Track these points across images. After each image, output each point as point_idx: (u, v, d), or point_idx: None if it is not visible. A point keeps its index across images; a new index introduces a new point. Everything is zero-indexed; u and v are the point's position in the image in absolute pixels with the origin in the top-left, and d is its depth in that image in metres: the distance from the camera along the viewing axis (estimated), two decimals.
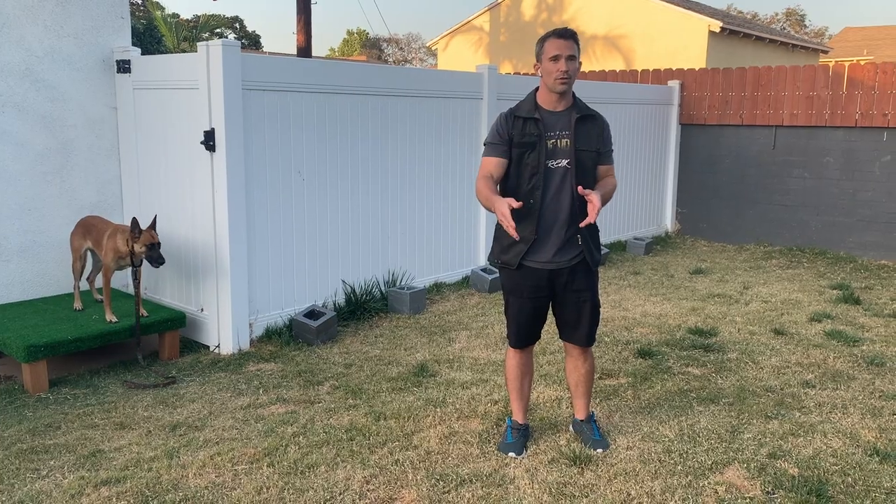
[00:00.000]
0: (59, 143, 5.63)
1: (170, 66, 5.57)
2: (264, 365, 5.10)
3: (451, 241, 7.22)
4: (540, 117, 3.49)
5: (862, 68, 8.78)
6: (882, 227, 8.73)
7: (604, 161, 3.62)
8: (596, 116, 3.59)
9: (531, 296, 3.62)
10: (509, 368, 3.80)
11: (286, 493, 3.33)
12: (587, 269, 3.62)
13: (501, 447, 3.76)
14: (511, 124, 3.53)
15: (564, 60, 3.39)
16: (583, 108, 3.57)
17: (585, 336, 3.71)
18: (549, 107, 3.52)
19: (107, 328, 4.95)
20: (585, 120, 3.53)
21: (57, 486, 3.41)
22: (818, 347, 5.45)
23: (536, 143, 3.47)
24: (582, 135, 3.51)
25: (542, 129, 3.47)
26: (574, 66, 3.44)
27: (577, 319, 3.67)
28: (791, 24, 52.45)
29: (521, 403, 3.83)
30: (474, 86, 7.21)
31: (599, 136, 3.56)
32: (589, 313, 3.67)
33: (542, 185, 3.47)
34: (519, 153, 3.51)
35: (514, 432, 3.80)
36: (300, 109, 5.64)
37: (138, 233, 4.95)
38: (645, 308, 6.55)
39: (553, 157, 3.48)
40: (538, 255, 3.55)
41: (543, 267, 3.56)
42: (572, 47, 3.43)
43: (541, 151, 3.47)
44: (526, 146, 3.50)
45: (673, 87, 10.09)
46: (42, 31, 5.48)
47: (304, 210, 5.78)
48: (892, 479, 3.49)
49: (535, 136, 3.48)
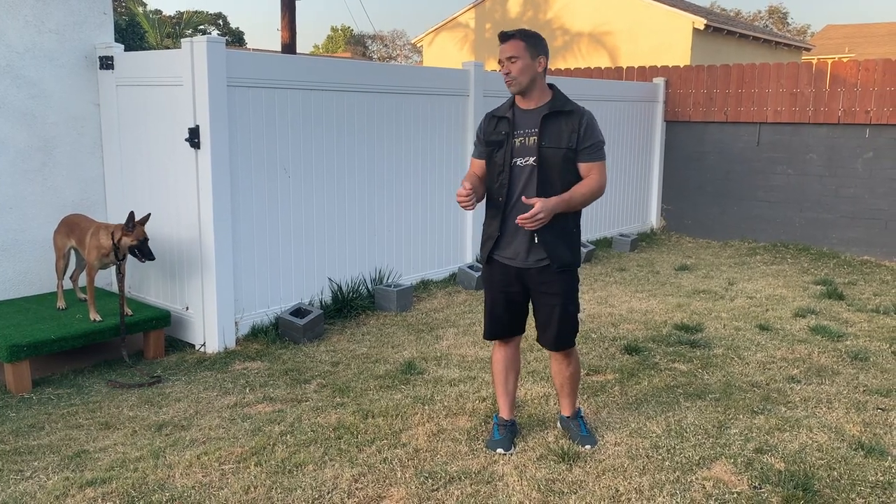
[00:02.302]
0: (40, 140, 5.56)
1: (153, 63, 5.51)
2: (251, 363, 5.07)
3: (439, 238, 7.21)
4: (511, 116, 3.52)
5: (844, 66, 8.85)
6: (865, 222, 8.81)
7: (582, 158, 3.47)
8: (572, 112, 3.48)
9: (502, 289, 3.65)
10: (494, 363, 3.83)
11: (274, 493, 3.31)
12: (560, 273, 3.53)
13: (489, 444, 3.76)
14: (487, 124, 3.63)
15: (507, 63, 3.43)
16: (558, 104, 3.49)
17: (552, 340, 3.65)
18: (522, 105, 3.55)
19: (91, 327, 4.90)
20: (558, 116, 3.46)
21: (41, 488, 3.37)
22: (803, 343, 5.49)
23: (504, 141, 3.51)
24: (549, 132, 3.45)
25: (511, 127, 3.50)
26: (518, 66, 3.41)
27: (546, 323, 3.64)
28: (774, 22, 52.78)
29: (506, 399, 3.83)
30: (460, 83, 7.20)
31: (573, 133, 3.44)
32: (558, 318, 3.58)
33: (507, 183, 3.50)
34: (489, 151, 3.58)
35: (501, 429, 3.80)
36: (285, 106, 5.61)
37: (132, 227, 4.93)
38: (631, 304, 6.58)
39: (520, 155, 3.49)
40: (506, 252, 3.58)
41: (510, 263, 3.58)
42: (513, 47, 3.42)
43: (507, 149, 3.49)
44: (494, 144, 3.55)
45: (658, 85, 10.13)
46: (22, 26, 5.41)
47: (290, 207, 5.75)
48: (876, 473, 3.52)
49: (504, 135, 3.51)
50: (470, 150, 7.31)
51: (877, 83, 8.54)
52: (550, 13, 20.90)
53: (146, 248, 5.02)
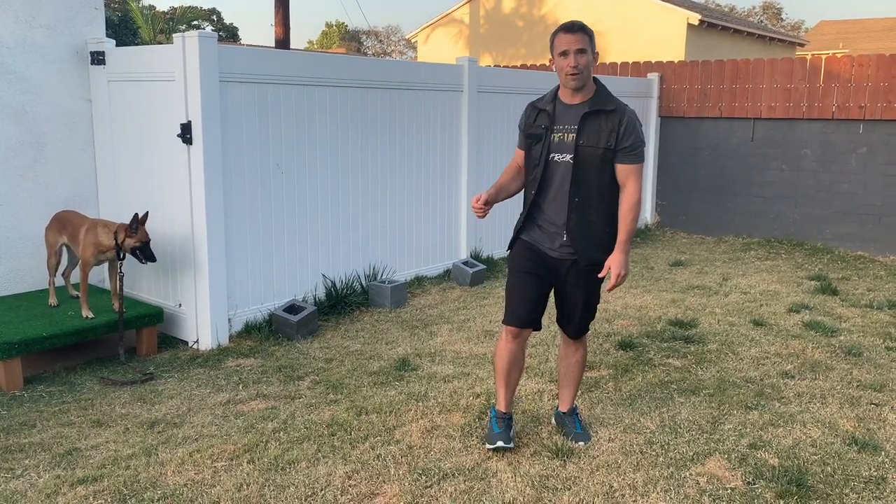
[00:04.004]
0: (31, 136, 5.53)
1: (145, 58, 5.48)
2: (244, 360, 5.05)
3: (433, 234, 7.19)
4: (552, 109, 3.46)
5: (838, 61, 8.85)
6: (858, 218, 8.82)
7: (620, 159, 3.40)
8: (615, 111, 3.40)
9: (529, 270, 3.57)
10: (499, 356, 3.65)
11: (266, 490, 3.30)
12: (589, 271, 3.55)
13: (489, 438, 3.65)
14: (528, 115, 3.59)
15: (573, 55, 3.33)
16: (600, 101, 3.42)
17: (573, 329, 3.73)
18: (566, 99, 3.48)
19: (83, 324, 4.88)
20: (598, 115, 3.39)
21: (32, 486, 3.35)
22: (797, 338, 5.49)
23: (543, 135, 3.47)
24: (588, 130, 3.39)
25: (550, 121, 3.45)
26: (584, 59, 3.34)
27: (570, 311, 3.68)
28: (768, 18, 52.84)
29: (507, 393, 3.70)
30: (454, 78, 7.17)
31: (613, 132, 3.36)
32: (581, 309, 3.65)
33: (540, 178, 3.47)
34: (528, 144, 3.56)
35: (500, 421, 3.68)
36: (278, 102, 5.58)
37: (135, 228, 4.93)
38: (625, 300, 6.57)
39: (558, 151, 3.45)
40: (543, 241, 3.57)
41: (547, 252, 3.56)
42: (581, 40, 3.33)
43: (545, 144, 3.45)
44: (533, 137, 3.52)
45: (652, 80, 10.12)
46: (13, 21, 5.37)
47: (283, 203, 5.72)
48: (870, 468, 3.53)
49: (543, 129, 3.47)
50: (464, 146, 7.30)
51: (870, 78, 8.55)
52: (545, 8, 20.88)
53: (148, 251, 5.04)
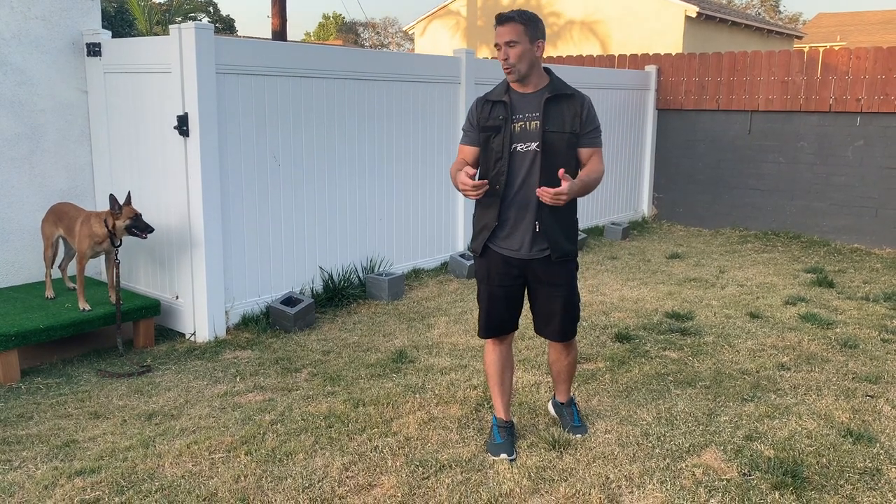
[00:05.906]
0: (27, 128, 5.51)
1: (141, 50, 5.46)
2: (241, 352, 5.05)
3: (430, 226, 7.19)
4: (508, 100, 3.37)
5: (836, 54, 8.85)
6: (855, 210, 8.84)
7: (584, 143, 3.39)
8: (574, 95, 3.38)
9: (500, 283, 3.50)
10: (488, 363, 3.65)
11: (264, 481, 3.31)
12: (563, 263, 3.47)
13: (491, 449, 3.56)
14: (480, 109, 3.45)
15: (504, 48, 3.29)
16: (558, 87, 3.38)
17: (558, 332, 3.59)
18: (519, 89, 3.40)
19: (79, 316, 4.87)
20: (559, 100, 3.36)
21: (29, 478, 3.36)
22: (793, 330, 5.51)
23: (502, 126, 3.36)
24: (553, 116, 3.34)
25: (509, 111, 3.36)
26: (516, 51, 3.26)
27: (549, 314, 3.56)
28: (766, 10, 52.75)
29: (503, 399, 3.67)
30: (452, 70, 7.16)
31: (576, 117, 3.34)
32: (561, 308, 3.52)
33: (506, 170, 3.36)
34: (485, 137, 3.42)
35: (502, 431, 3.61)
36: (275, 93, 5.57)
37: (119, 209, 4.91)
38: (622, 293, 6.59)
39: (521, 141, 3.35)
40: (508, 244, 3.45)
41: (514, 255, 3.45)
42: (511, 31, 3.26)
43: (506, 135, 3.35)
44: (491, 130, 3.40)
45: (650, 72, 10.11)
46: (8, 12, 5.34)
47: (280, 195, 5.72)
48: (865, 460, 3.54)
49: (501, 120, 3.36)
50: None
51: (868, 71, 8.54)
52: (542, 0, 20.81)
53: (142, 223, 5.02)
